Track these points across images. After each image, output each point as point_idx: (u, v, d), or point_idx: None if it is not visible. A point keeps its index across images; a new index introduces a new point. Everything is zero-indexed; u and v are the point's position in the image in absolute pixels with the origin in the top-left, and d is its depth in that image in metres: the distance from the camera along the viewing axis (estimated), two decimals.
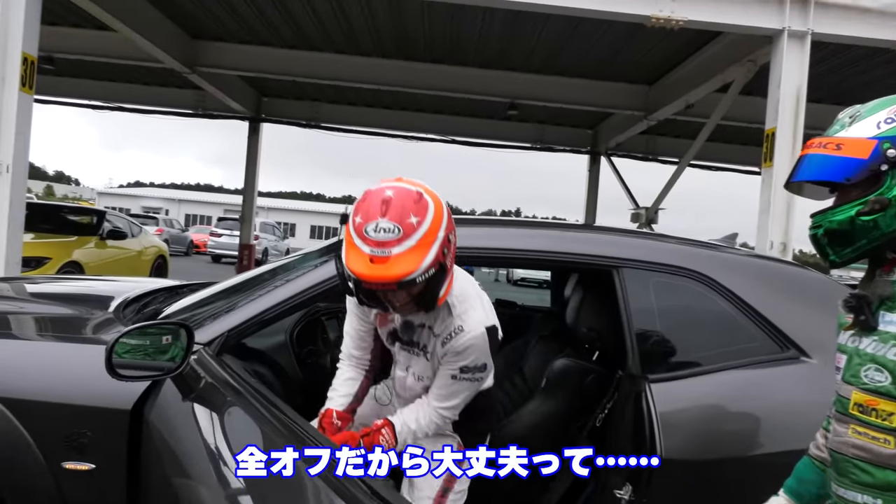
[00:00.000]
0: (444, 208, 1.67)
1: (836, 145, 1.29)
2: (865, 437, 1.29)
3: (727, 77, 7.32)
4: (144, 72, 10.92)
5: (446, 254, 1.65)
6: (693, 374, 2.04)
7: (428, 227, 1.59)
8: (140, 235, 10.02)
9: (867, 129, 1.29)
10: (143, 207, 40.26)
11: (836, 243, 1.34)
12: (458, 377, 1.83)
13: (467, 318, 1.80)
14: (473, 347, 1.80)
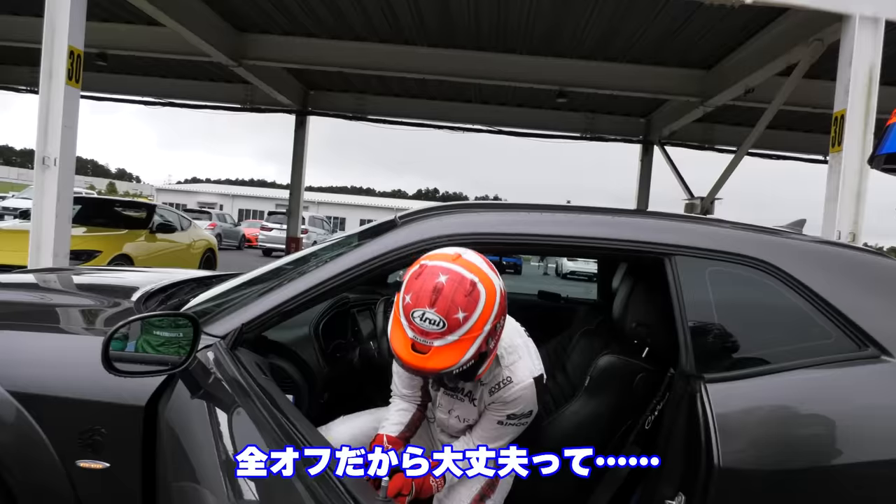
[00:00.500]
0: (497, 296, 1.64)
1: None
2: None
3: (791, 58, 6.89)
4: (193, 67, 11.08)
5: (490, 344, 1.67)
6: (755, 374, 1.81)
7: (474, 323, 1.58)
8: (189, 229, 10.15)
9: None
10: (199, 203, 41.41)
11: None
12: (505, 423, 1.89)
13: (515, 368, 1.86)
14: (522, 398, 1.86)
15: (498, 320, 1.65)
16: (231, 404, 1.46)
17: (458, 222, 2.11)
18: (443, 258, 1.66)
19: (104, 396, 1.77)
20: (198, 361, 1.60)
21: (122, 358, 1.53)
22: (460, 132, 13.11)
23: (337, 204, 51.53)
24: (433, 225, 2.08)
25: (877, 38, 5.34)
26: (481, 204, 2.30)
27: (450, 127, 12.88)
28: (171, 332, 1.61)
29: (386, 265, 1.98)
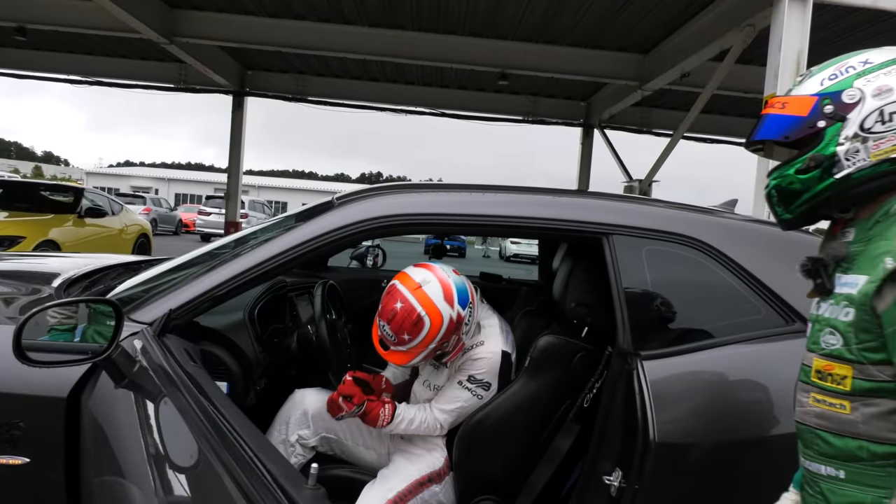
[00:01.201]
0: (444, 325, 2.03)
1: (782, 104, 1.29)
2: (824, 404, 1.25)
3: (725, 43, 7.07)
4: (122, 44, 10.57)
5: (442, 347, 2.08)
6: (689, 350, 1.85)
7: (416, 344, 2.03)
8: (121, 213, 9.77)
9: (812, 87, 1.28)
10: (133, 187, 39.89)
11: (782, 202, 1.33)
12: (463, 384, 2.14)
13: (489, 339, 2.18)
14: (486, 361, 2.14)
15: (446, 339, 2.05)
16: (157, 394, 1.39)
17: (396, 203, 2.08)
18: (408, 285, 2.05)
19: (21, 388, 1.67)
20: (122, 350, 1.52)
21: (38, 347, 1.43)
22: (403, 115, 12.98)
23: (278, 188, 50.53)
24: (371, 206, 2.03)
25: (805, 22, 5.53)
26: (419, 185, 2.26)
27: (392, 109, 12.72)
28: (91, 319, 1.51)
29: (323, 247, 1.93)
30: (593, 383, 2.10)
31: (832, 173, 1.23)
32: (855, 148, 1.21)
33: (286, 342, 2.39)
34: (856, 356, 1.19)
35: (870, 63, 1.24)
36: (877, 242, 1.19)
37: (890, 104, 1.20)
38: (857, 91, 1.22)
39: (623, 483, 1.78)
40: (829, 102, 1.24)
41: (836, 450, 1.22)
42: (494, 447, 2.12)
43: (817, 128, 1.24)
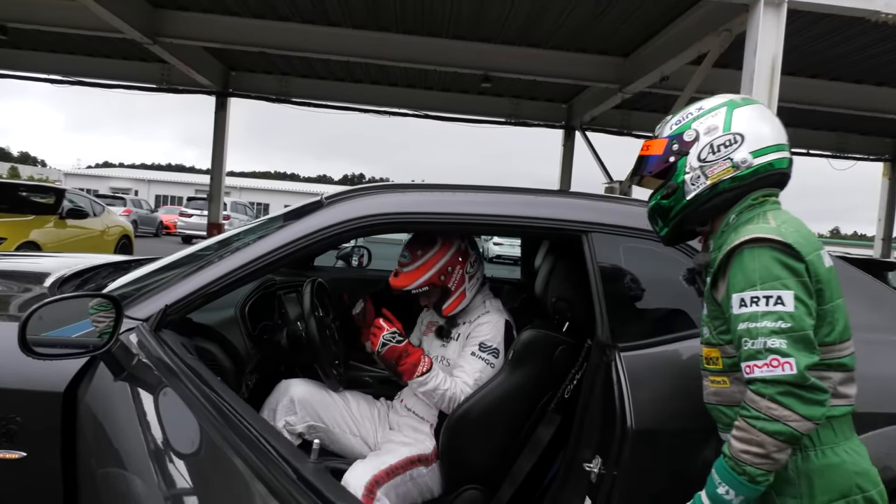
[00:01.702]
0: (452, 247, 2.33)
1: (647, 147, 1.67)
2: (715, 383, 1.56)
3: (703, 47, 7.23)
4: (105, 44, 10.51)
5: (443, 279, 2.31)
6: (664, 342, 1.94)
7: (425, 260, 2.31)
8: (103, 215, 9.71)
9: (665, 131, 1.65)
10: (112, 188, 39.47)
11: (656, 222, 1.68)
12: (476, 354, 2.24)
13: (493, 311, 2.36)
14: (492, 325, 2.30)
15: (451, 265, 2.31)
16: (157, 385, 1.44)
17: (384, 202, 2.15)
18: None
19: (17, 384, 1.71)
20: (121, 344, 1.57)
21: (40, 342, 1.48)
22: (386, 116, 13.04)
23: (260, 189, 50.23)
24: (359, 205, 2.10)
25: (779, 27, 5.68)
26: (406, 185, 2.34)
27: (376, 111, 12.76)
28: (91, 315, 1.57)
29: (313, 244, 1.99)
30: (574, 375, 2.19)
31: (683, 196, 1.57)
32: (697, 175, 1.55)
33: (276, 338, 2.45)
34: (716, 340, 1.52)
35: (702, 109, 1.60)
36: (723, 249, 1.48)
37: (717, 138, 1.54)
38: (694, 131, 1.57)
39: (602, 470, 1.87)
40: (676, 142, 1.59)
41: (731, 418, 1.47)
42: (479, 438, 2.19)
43: (670, 162, 1.59)
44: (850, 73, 9.29)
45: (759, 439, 1.33)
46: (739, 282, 1.40)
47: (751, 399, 1.35)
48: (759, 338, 1.35)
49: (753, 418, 1.34)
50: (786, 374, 1.31)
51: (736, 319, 1.40)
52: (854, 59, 8.54)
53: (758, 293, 1.37)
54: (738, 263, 1.42)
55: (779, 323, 1.34)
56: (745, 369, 1.37)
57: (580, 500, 1.96)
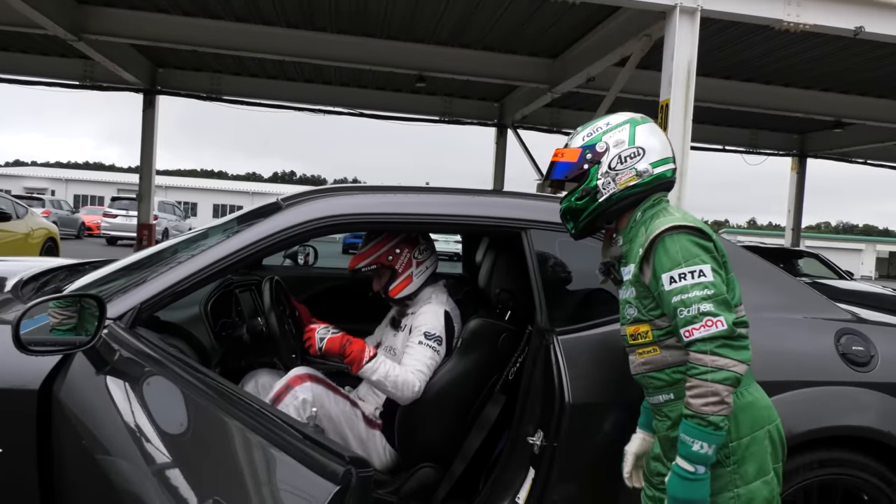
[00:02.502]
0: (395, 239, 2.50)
1: (561, 154, 1.90)
2: (645, 354, 1.81)
3: (625, 51, 7.64)
4: (22, 38, 10.09)
5: (390, 259, 2.49)
6: (597, 325, 2.18)
7: (377, 241, 2.50)
8: (26, 217, 9.37)
9: (578, 142, 1.89)
10: (26, 188, 37.46)
11: (570, 220, 1.92)
12: (423, 342, 2.38)
13: (434, 302, 2.52)
14: (432, 314, 2.45)
15: (400, 247, 2.49)
16: (142, 375, 1.57)
17: (340, 204, 2.31)
18: None
19: None
20: (102, 340, 1.68)
21: (29, 341, 1.58)
22: (320, 114, 13.03)
23: (187, 188, 48.69)
24: (316, 207, 2.25)
25: (693, 34, 6.11)
26: (361, 187, 2.50)
27: (309, 109, 12.74)
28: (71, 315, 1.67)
29: (275, 244, 2.13)
30: (517, 358, 2.41)
31: (596, 199, 1.83)
32: (608, 181, 1.81)
33: (237, 334, 2.57)
34: (646, 317, 1.78)
35: (609, 124, 1.86)
36: (636, 241, 1.79)
37: (624, 151, 1.81)
38: (604, 143, 1.84)
39: (544, 442, 2.09)
40: (589, 152, 1.84)
41: (662, 381, 1.77)
42: (432, 419, 2.38)
43: (584, 169, 1.84)
44: (760, 75, 9.98)
45: (713, 389, 1.57)
46: (666, 263, 1.66)
47: (695, 358, 1.60)
48: (692, 305, 1.61)
49: (703, 374, 1.58)
50: (719, 329, 1.58)
51: (668, 294, 1.65)
52: (763, 62, 9.19)
53: (683, 269, 1.64)
54: (662, 249, 1.68)
55: (705, 291, 1.61)
56: (683, 334, 1.62)
57: (524, 471, 2.18)
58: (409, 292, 2.52)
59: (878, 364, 2.24)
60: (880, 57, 8.38)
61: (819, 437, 2.15)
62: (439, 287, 2.61)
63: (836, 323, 2.33)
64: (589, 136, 1.87)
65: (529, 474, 2.15)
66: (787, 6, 6.21)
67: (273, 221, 2.18)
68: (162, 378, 1.48)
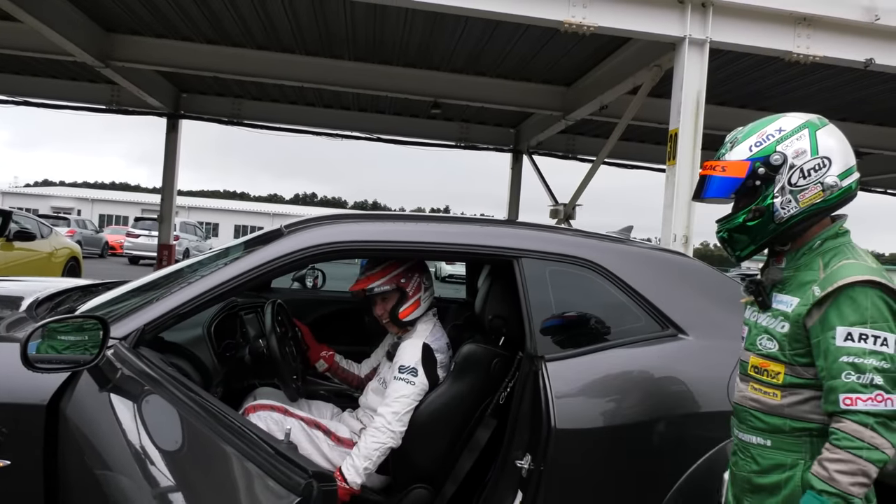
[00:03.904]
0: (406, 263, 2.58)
1: (721, 168, 1.63)
2: (760, 392, 1.64)
3: (637, 80, 7.73)
4: (53, 64, 10.45)
5: (402, 282, 2.55)
6: (584, 353, 2.24)
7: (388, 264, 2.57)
8: (50, 236, 9.62)
9: (742, 153, 1.62)
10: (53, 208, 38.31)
11: (736, 243, 1.67)
12: (396, 377, 2.43)
13: (416, 331, 2.58)
14: (410, 349, 2.49)
15: (413, 272, 2.56)
16: (142, 394, 1.66)
17: (339, 232, 2.41)
18: None
19: (4, 398, 1.89)
20: (106, 359, 1.78)
21: (36, 359, 1.68)
22: (339, 139, 13.26)
23: (210, 209, 49.46)
24: (317, 234, 2.35)
25: (703, 64, 6.17)
26: (360, 214, 2.61)
27: (328, 133, 12.98)
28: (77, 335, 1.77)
29: (275, 269, 2.23)
30: (507, 383, 2.47)
31: (774, 219, 1.58)
32: (787, 199, 1.57)
33: (239, 355, 2.66)
34: (788, 359, 1.58)
35: (783, 130, 1.60)
36: (804, 272, 1.59)
37: (807, 163, 1.56)
38: (780, 155, 1.57)
39: (532, 466, 2.15)
40: (761, 165, 1.58)
41: (766, 425, 1.62)
42: (425, 441, 2.45)
43: (755, 186, 1.59)
44: (775, 105, 9.95)
45: (865, 469, 1.42)
46: (849, 316, 1.47)
47: (853, 430, 1.43)
48: (866, 373, 1.43)
49: (858, 448, 1.42)
50: (889, 409, 1.43)
51: (837, 351, 1.47)
52: (777, 91, 9.22)
53: (867, 331, 1.46)
54: (849, 300, 1.48)
55: (882, 363, 1.44)
56: (843, 400, 1.45)
57: (513, 493, 2.23)
58: (416, 315, 2.60)
59: None
60: (895, 88, 8.38)
61: None
62: (429, 318, 2.67)
63: None
64: (759, 147, 1.60)
65: (518, 497, 2.20)
66: (796, 38, 6.27)
67: (275, 247, 2.28)
68: (159, 397, 1.56)
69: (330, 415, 2.69)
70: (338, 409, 2.75)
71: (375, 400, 2.60)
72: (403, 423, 2.39)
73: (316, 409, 2.67)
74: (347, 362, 2.94)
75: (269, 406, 2.49)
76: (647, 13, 6.11)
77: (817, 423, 1.56)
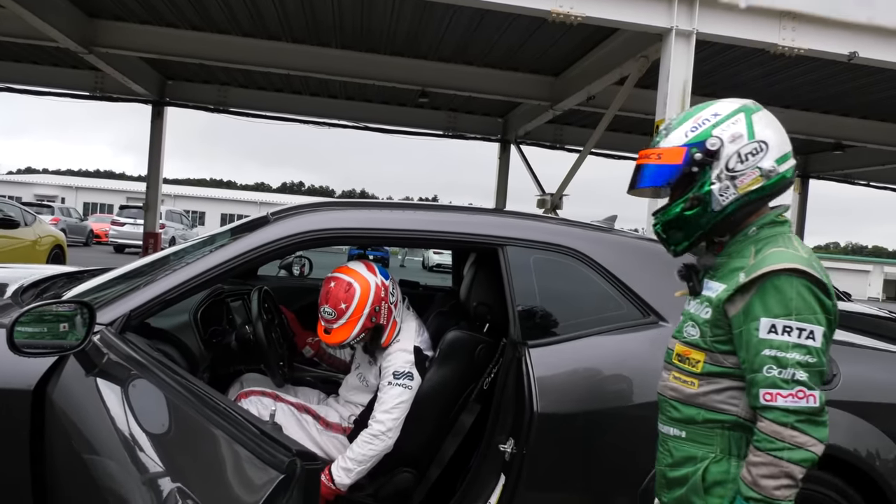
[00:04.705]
0: (371, 290, 2.45)
1: (657, 155, 1.55)
2: (679, 380, 1.59)
3: (624, 71, 7.76)
4: (35, 50, 10.32)
5: (374, 321, 2.45)
6: (566, 339, 2.28)
7: (353, 310, 2.42)
8: (34, 224, 9.52)
9: (678, 139, 1.54)
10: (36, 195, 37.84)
11: (672, 236, 1.59)
12: (392, 383, 2.42)
13: (404, 339, 2.54)
14: (400, 355, 2.47)
15: (377, 304, 2.45)
16: (129, 378, 1.67)
17: (325, 219, 2.42)
18: (336, 270, 2.47)
19: None
20: (92, 344, 1.79)
21: (23, 344, 1.69)
22: (325, 127, 13.20)
23: (196, 197, 49.05)
24: (303, 221, 2.36)
25: (689, 56, 6.22)
26: (346, 202, 2.62)
27: (315, 122, 12.92)
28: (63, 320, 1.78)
29: (262, 257, 2.25)
30: (491, 369, 2.51)
31: (712, 208, 1.50)
32: (725, 185, 1.49)
33: (225, 341, 2.68)
34: (708, 346, 1.52)
35: (719, 115, 1.52)
36: (736, 258, 1.52)
37: (744, 147, 1.48)
38: (717, 139, 1.49)
39: (514, 449, 2.19)
40: (697, 150, 1.50)
41: (682, 415, 1.56)
42: (411, 427, 2.48)
43: (692, 172, 1.51)
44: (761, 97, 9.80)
45: (788, 470, 1.34)
46: (773, 307, 1.39)
47: (773, 430, 1.36)
48: (788, 368, 1.35)
49: (779, 450, 1.35)
50: (809, 405, 1.35)
51: (760, 343, 1.39)
52: (763, 84, 9.29)
53: (792, 323, 1.37)
54: (774, 288, 1.40)
55: (807, 357, 1.36)
56: (763, 396, 1.37)
57: (496, 477, 2.27)
58: (397, 331, 2.56)
59: (839, 383, 2.32)
60: (878, 81, 8.47)
61: None
62: (409, 317, 2.64)
63: None
64: (694, 132, 1.52)
65: (501, 480, 2.24)
66: (781, 31, 6.32)
67: (261, 234, 2.29)
68: (145, 380, 1.58)
69: (317, 400, 2.71)
70: (324, 394, 2.77)
71: (357, 396, 2.63)
72: (400, 426, 2.41)
73: (303, 394, 2.69)
74: (333, 348, 2.96)
75: (260, 392, 2.51)
76: (634, 4, 6.13)
77: (731, 416, 1.50)
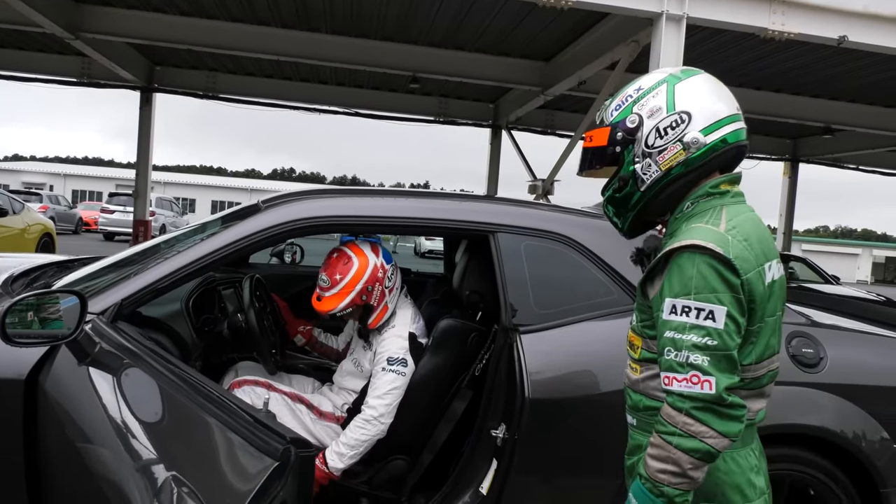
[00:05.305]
0: (368, 269, 2.45)
1: (589, 138, 1.51)
2: (629, 367, 1.56)
3: (615, 56, 7.74)
4: (20, 35, 10.17)
5: (364, 299, 2.45)
6: (557, 325, 2.30)
7: (346, 282, 2.44)
8: (23, 212, 9.48)
9: (606, 118, 1.50)
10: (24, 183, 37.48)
11: (614, 216, 1.56)
12: (386, 369, 2.42)
13: (399, 325, 2.54)
14: (395, 341, 2.48)
15: (370, 284, 2.44)
16: (121, 367, 1.68)
17: (316, 207, 2.42)
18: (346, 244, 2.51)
19: None
20: (84, 333, 1.79)
21: (14, 334, 1.69)
22: (316, 113, 13.12)
23: (186, 184, 48.75)
24: (294, 209, 2.36)
25: (679, 40, 6.21)
26: (338, 189, 2.62)
27: (305, 108, 12.84)
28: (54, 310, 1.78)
29: (253, 244, 2.25)
30: (483, 355, 2.52)
31: (638, 187, 1.44)
32: (647, 163, 1.42)
33: (218, 329, 2.68)
34: (639, 331, 1.50)
35: (641, 89, 1.45)
36: (668, 238, 1.44)
37: (662, 120, 1.40)
38: (636, 116, 1.42)
39: (506, 435, 2.21)
40: (619, 130, 1.44)
41: (632, 402, 1.54)
42: (405, 414, 2.49)
43: (616, 153, 1.45)
44: (751, 81, 10.09)
45: (674, 457, 1.26)
46: (675, 286, 1.32)
47: (667, 414, 1.29)
48: (682, 350, 1.28)
49: (669, 434, 1.27)
50: (704, 392, 1.25)
51: (664, 325, 1.33)
52: (753, 68, 9.31)
53: (690, 303, 1.29)
54: (676, 268, 1.33)
55: (705, 339, 1.27)
56: (663, 379, 1.31)
57: (488, 462, 2.29)
58: (387, 318, 2.54)
59: (826, 366, 2.35)
60: (867, 65, 8.49)
61: (770, 434, 2.26)
62: (405, 304, 2.63)
63: (788, 326, 2.44)
64: (617, 110, 1.46)
65: (493, 465, 2.27)
66: (771, 15, 6.32)
67: (252, 222, 2.29)
68: (138, 369, 1.59)
69: (311, 389, 2.72)
70: (318, 382, 2.79)
71: (352, 382, 2.63)
72: (393, 412, 2.41)
73: (297, 382, 2.70)
74: (325, 336, 2.97)
75: (254, 381, 2.52)
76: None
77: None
